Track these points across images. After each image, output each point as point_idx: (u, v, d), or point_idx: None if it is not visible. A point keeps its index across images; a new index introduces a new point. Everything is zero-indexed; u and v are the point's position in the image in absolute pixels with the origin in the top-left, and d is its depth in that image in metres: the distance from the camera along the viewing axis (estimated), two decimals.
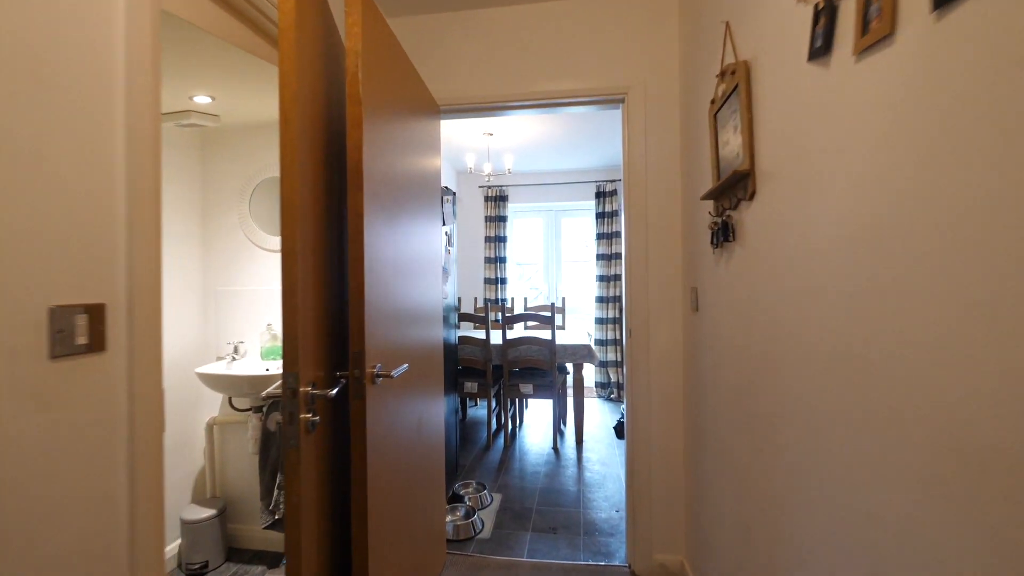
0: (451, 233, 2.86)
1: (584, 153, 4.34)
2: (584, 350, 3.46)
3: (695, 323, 1.78)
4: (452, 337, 2.93)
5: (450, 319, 2.91)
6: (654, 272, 1.98)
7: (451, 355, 2.89)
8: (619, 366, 4.66)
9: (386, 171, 1.43)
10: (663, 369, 1.97)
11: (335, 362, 1.28)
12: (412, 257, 1.68)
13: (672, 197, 1.99)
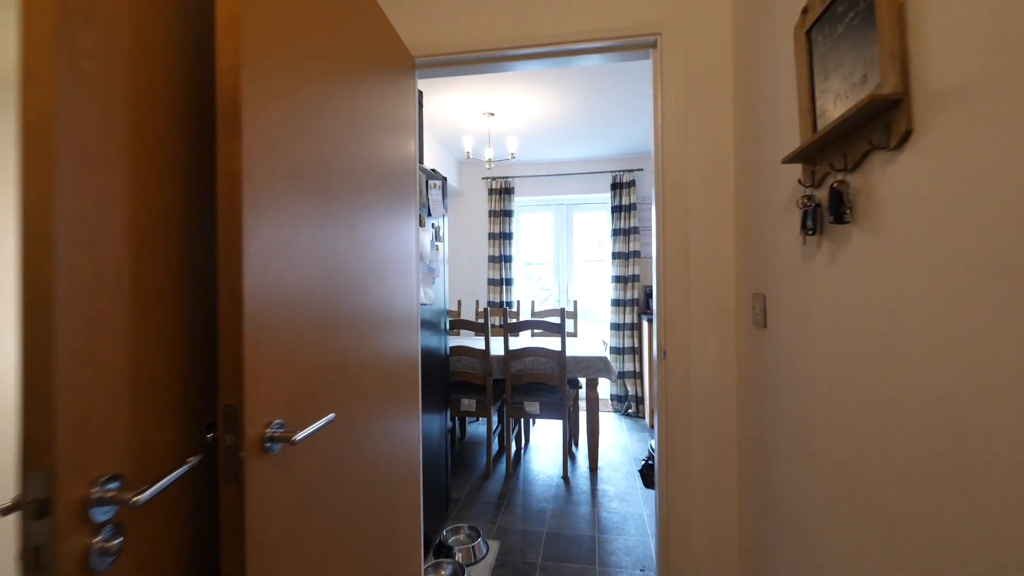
0: (440, 226, 2.38)
1: (598, 139, 3.82)
2: (599, 363, 2.94)
3: (760, 343, 1.26)
4: (443, 346, 2.45)
5: (441, 325, 2.42)
6: (697, 275, 1.47)
7: (441, 367, 2.41)
8: (637, 377, 4.13)
9: (315, 138, 0.95)
10: (710, 402, 1.46)
11: (201, 413, 0.79)
12: (364, 254, 1.20)
13: (721, 172, 1.47)
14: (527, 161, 4.40)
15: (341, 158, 1.08)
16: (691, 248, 1.47)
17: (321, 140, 0.99)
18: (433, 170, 2.30)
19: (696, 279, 1.46)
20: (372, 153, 1.26)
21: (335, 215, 1.04)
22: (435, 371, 2.32)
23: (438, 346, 2.37)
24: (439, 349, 2.38)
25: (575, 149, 4.07)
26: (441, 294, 2.40)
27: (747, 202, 1.36)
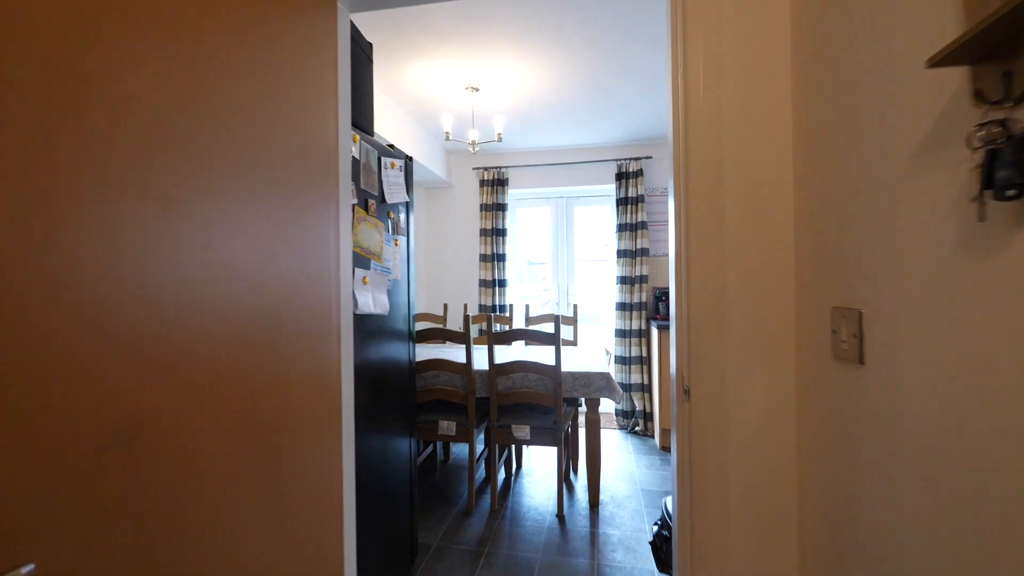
0: (403, 217, 1.91)
1: (600, 121, 3.33)
2: (600, 380, 2.46)
3: (848, 386, 0.77)
4: (407, 359, 1.98)
5: (406, 334, 1.96)
6: (737, 280, 0.99)
7: (404, 385, 1.95)
8: (645, 391, 3.64)
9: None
10: (755, 466, 0.98)
11: None
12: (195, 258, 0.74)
13: (773, 133, 0.99)
14: (521, 149, 3.92)
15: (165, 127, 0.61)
16: (728, 243, 0.99)
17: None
18: (391, 146, 1.84)
19: (735, 287, 0.98)
20: (226, 112, 0.79)
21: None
22: (395, 389, 1.86)
23: (400, 359, 1.91)
24: (400, 363, 1.92)
25: (575, 134, 3.59)
26: (405, 299, 1.93)
27: (823, 166, 0.87)
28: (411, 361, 2.02)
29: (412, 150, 3.18)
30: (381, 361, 1.73)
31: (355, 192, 1.51)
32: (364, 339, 1.59)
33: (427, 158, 3.45)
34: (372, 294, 1.59)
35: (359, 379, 1.52)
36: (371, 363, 1.65)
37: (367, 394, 1.61)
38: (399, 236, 1.85)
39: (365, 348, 1.60)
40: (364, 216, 1.56)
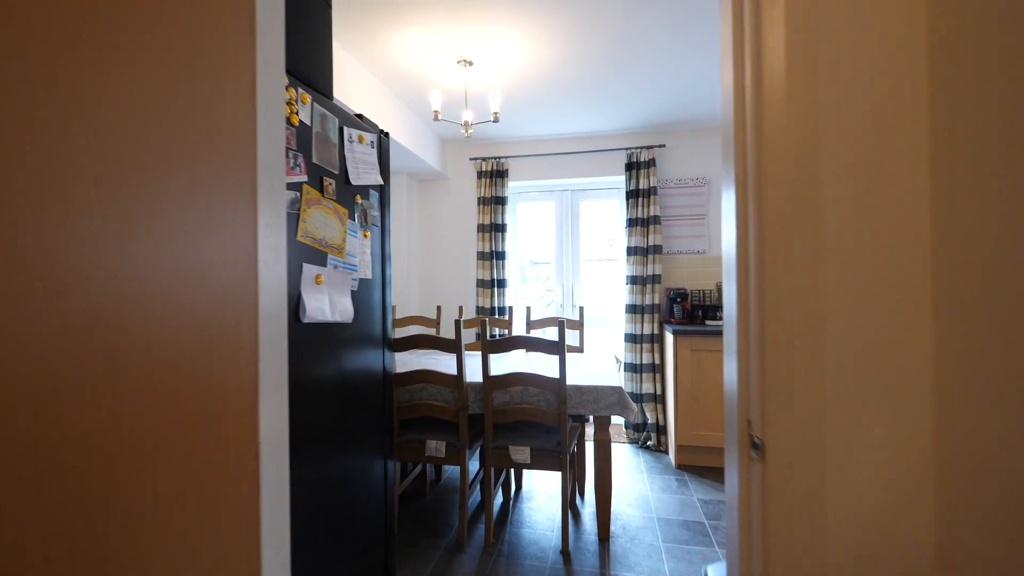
0: (375, 204, 1.56)
1: (608, 102, 2.98)
2: (611, 395, 2.11)
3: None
4: (379, 370, 1.65)
5: (378, 342, 1.63)
6: (838, 298, 0.64)
7: (374, 400, 1.61)
8: (659, 402, 3.28)
9: None
10: (869, 559, 0.63)
11: None
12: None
13: (899, 101, 0.63)
14: (522, 137, 3.58)
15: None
16: (826, 243, 0.64)
17: None
18: (360, 116, 1.50)
19: (836, 298, 0.63)
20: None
21: None
22: (365, 405, 1.53)
23: (372, 370, 1.57)
24: (373, 374, 1.58)
25: (580, 119, 3.24)
26: (378, 301, 1.59)
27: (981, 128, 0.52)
28: (387, 372, 1.68)
29: (402, 137, 2.84)
30: (347, 373, 1.39)
31: (303, 166, 1.17)
32: (321, 348, 1.25)
33: (419, 145, 3.11)
34: (329, 297, 1.25)
35: (315, 396, 1.18)
36: (332, 376, 1.31)
37: (326, 412, 1.28)
38: (370, 226, 1.51)
39: (323, 359, 1.26)
40: (317, 199, 1.23)
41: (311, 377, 1.24)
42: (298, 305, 1.15)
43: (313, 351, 1.24)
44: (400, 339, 2.17)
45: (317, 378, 1.27)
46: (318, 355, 1.26)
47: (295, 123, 1.15)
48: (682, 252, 3.44)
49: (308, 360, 1.22)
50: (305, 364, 1.20)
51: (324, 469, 1.29)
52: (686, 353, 2.93)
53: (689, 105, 3.01)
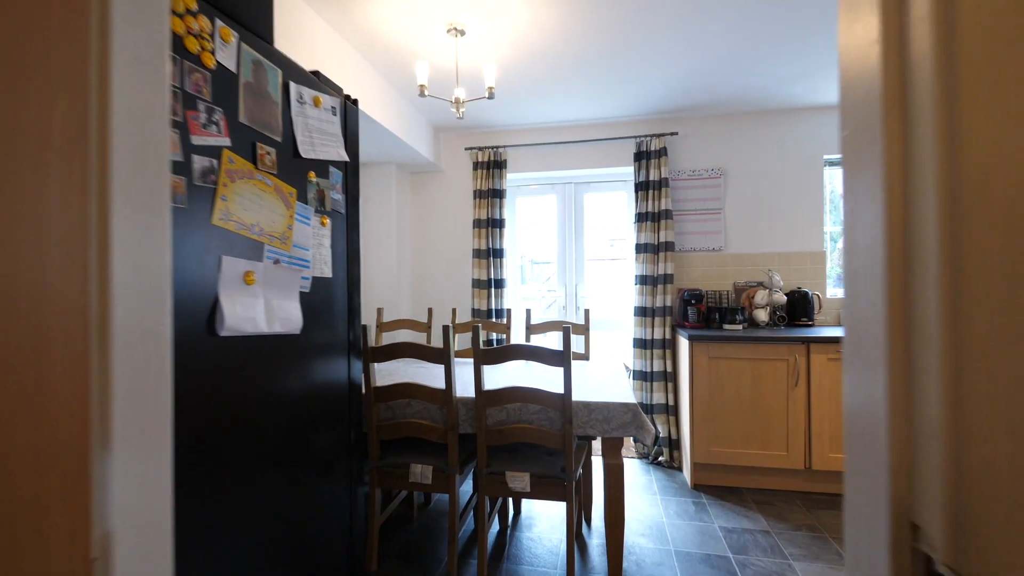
0: (337, 187, 1.25)
1: (617, 86, 2.67)
2: (624, 413, 1.80)
3: None
4: (343, 382, 1.34)
5: (342, 352, 1.32)
6: None
7: (342, 416, 1.30)
8: (671, 413, 2.96)
9: None
10: None
11: None
12: None
13: None
14: (521, 125, 3.26)
15: None
16: None
17: None
18: (316, 73, 1.19)
19: None
20: None
21: None
22: (322, 427, 1.22)
23: (334, 384, 1.26)
24: (334, 390, 1.27)
25: (584, 103, 2.92)
26: (343, 304, 1.28)
27: None
28: (354, 386, 1.37)
29: (389, 121, 2.53)
30: (295, 391, 1.08)
31: (223, 126, 0.86)
32: (258, 364, 0.94)
33: (409, 133, 2.80)
34: (265, 301, 0.93)
35: (249, 423, 0.88)
36: (274, 397, 1.00)
37: (268, 439, 0.97)
38: (330, 213, 1.20)
39: (260, 377, 0.95)
40: (248, 171, 0.91)
41: (244, 402, 0.93)
42: (213, 314, 0.84)
43: (245, 369, 0.93)
44: (380, 348, 1.86)
45: (254, 401, 0.96)
46: (253, 373, 0.95)
47: (209, 65, 0.84)
48: (695, 250, 3.13)
49: (236, 382, 0.91)
50: (230, 387, 0.89)
51: (260, 508, 0.98)
52: (703, 361, 2.62)
53: (705, 88, 2.69)
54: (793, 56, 2.33)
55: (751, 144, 3.07)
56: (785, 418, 2.54)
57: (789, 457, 2.53)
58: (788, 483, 2.59)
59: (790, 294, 2.94)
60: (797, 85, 2.67)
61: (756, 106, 2.97)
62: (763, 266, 3.05)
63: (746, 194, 3.08)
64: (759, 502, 2.47)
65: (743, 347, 2.56)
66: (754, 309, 2.91)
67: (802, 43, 2.23)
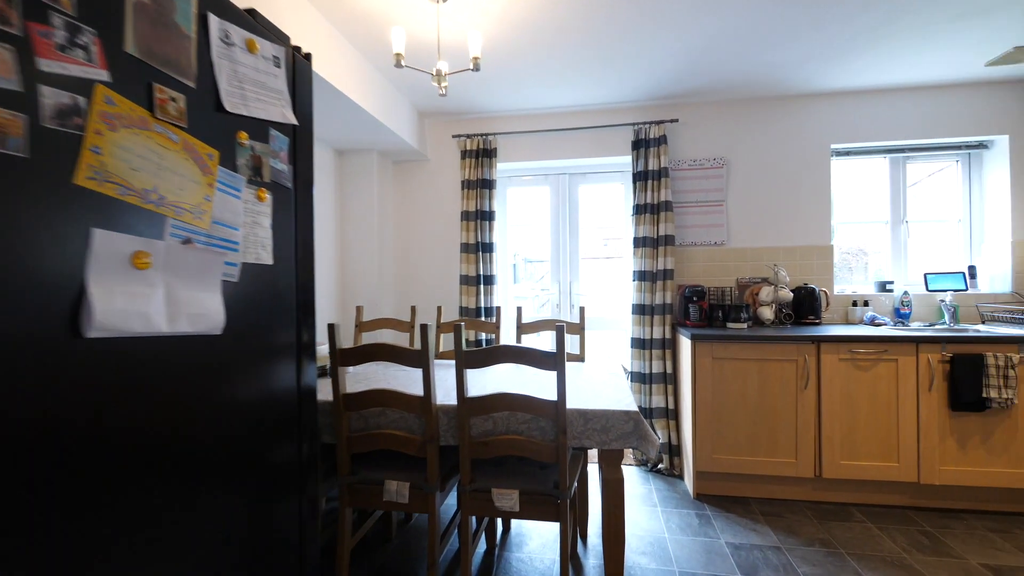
0: (282, 155, 1.02)
1: (614, 68, 2.45)
2: (625, 422, 1.58)
3: None
4: (293, 386, 1.11)
5: (302, 348, 1.09)
6: None
7: (285, 430, 1.07)
8: (671, 418, 2.76)
9: None
10: None
11: None
12: None
13: None
14: (512, 110, 3.04)
15: None
16: None
17: None
18: (252, 12, 0.95)
19: None
20: None
21: None
22: (264, 439, 0.99)
23: (278, 391, 1.03)
24: (280, 398, 1.04)
25: (579, 88, 2.70)
26: (291, 297, 1.05)
27: None
28: (304, 394, 1.14)
29: (367, 102, 2.30)
30: (219, 403, 0.86)
31: (97, 53, 0.63)
32: (162, 369, 0.72)
33: (390, 115, 2.56)
34: (166, 291, 0.70)
35: (147, 443, 0.65)
36: (188, 409, 0.78)
37: (175, 465, 0.74)
38: (269, 185, 0.97)
39: (164, 384, 0.73)
40: (139, 118, 0.68)
41: (137, 421, 0.70)
42: (78, 307, 0.61)
43: (141, 379, 0.70)
44: (350, 350, 1.63)
45: (161, 419, 0.74)
46: (154, 384, 0.73)
47: None
48: (696, 244, 2.92)
49: (125, 397, 0.68)
50: (114, 405, 0.67)
51: (168, 551, 0.75)
52: (706, 362, 2.41)
53: (707, 70, 2.49)
54: (800, 36, 2.13)
55: (755, 132, 2.87)
56: (794, 423, 2.34)
57: (798, 465, 2.34)
58: (797, 492, 2.39)
59: (796, 290, 2.75)
60: (804, 69, 2.47)
61: (760, 92, 2.77)
62: (767, 261, 2.86)
63: (750, 185, 2.88)
64: (767, 513, 2.27)
65: (749, 347, 2.36)
66: (759, 306, 2.71)
67: (811, 21, 2.02)
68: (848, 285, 2.98)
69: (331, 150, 2.88)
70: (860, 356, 2.29)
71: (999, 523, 2.16)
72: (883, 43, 2.21)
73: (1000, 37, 2.17)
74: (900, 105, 2.74)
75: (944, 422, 2.23)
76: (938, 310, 2.70)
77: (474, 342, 2.94)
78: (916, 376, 2.24)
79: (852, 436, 2.30)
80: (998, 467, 2.20)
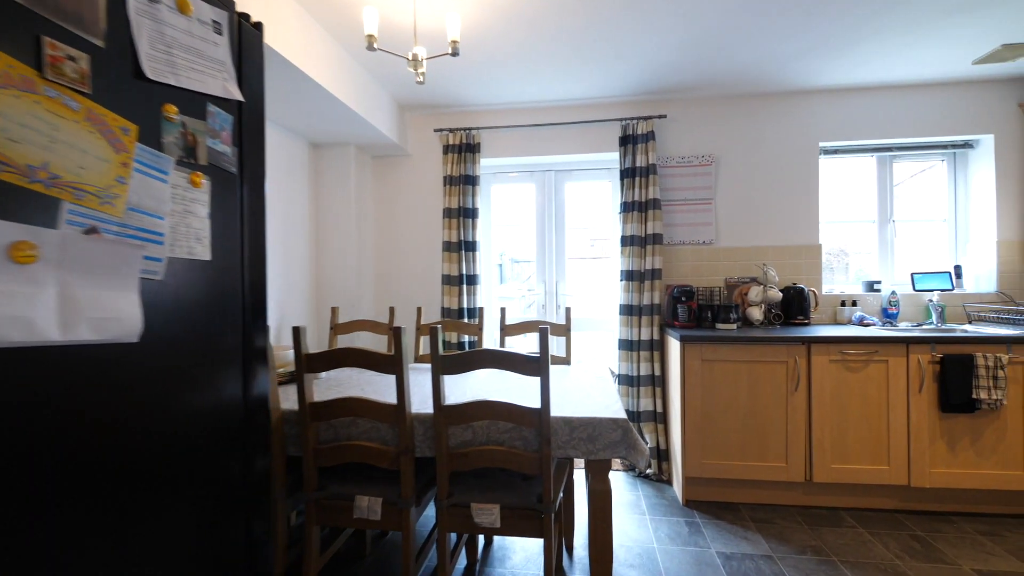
0: (224, 135, 0.89)
1: (601, 61, 2.35)
2: (613, 430, 1.48)
3: None
4: (241, 398, 0.98)
5: (248, 354, 0.96)
6: None
7: (229, 446, 0.94)
8: (659, 421, 2.67)
9: None
10: None
11: None
12: None
13: None
14: (496, 104, 2.93)
15: None
16: None
17: None
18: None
19: None
20: None
21: None
22: (199, 458, 0.85)
23: (222, 402, 0.90)
24: (215, 412, 0.91)
25: (565, 81, 2.60)
26: (238, 298, 0.92)
27: None
28: (252, 405, 1.01)
29: (346, 96, 2.16)
30: (141, 422, 0.72)
31: None
32: (59, 385, 0.58)
33: (367, 107, 2.43)
34: (62, 291, 0.57)
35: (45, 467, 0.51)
36: (100, 430, 0.64)
37: (83, 495, 0.60)
38: (208, 171, 0.84)
39: (63, 402, 0.59)
40: (21, 78, 0.55)
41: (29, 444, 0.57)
42: None
43: (42, 394, 0.57)
44: (317, 355, 1.50)
45: (63, 443, 0.61)
46: (49, 404, 0.60)
47: None
48: (685, 243, 2.85)
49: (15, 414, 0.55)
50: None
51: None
52: (695, 364, 2.33)
53: (696, 64, 2.41)
54: (790, 31, 2.07)
55: (744, 129, 2.81)
56: (784, 426, 2.27)
57: (789, 469, 2.27)
58: (787, 497, 2.32)
59: (785, 290, 2.69)
60: (793, 65, 2.41)
61: (749, 88, 2.71)
62: (756, 260, 2.79)
63: (738, 183, 2.82)
64: (757, 520, 2.20)
65: (739, 348, 2.29)
66: (748, 307, 2.64)
67: (803, 14, 1.96)
68: (834, 285, 2.93)
69: (305, 142, 2.72)
70: (851, 357, 2.23)
71: (988, 525, 2.12)
72: (874, 38, 2.16)
73: (987, 35, 2.14)
74: (888, 103, 2.70)
75: (934, 424, 2.19)
76: (926, 310, 2.67)
77: (456, 344, 2.81)
78: (907, 377, 2.19)
79: (843, 439, 2.24)
80: (987, 469, 2.16)
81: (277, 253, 2.46)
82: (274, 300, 2.42)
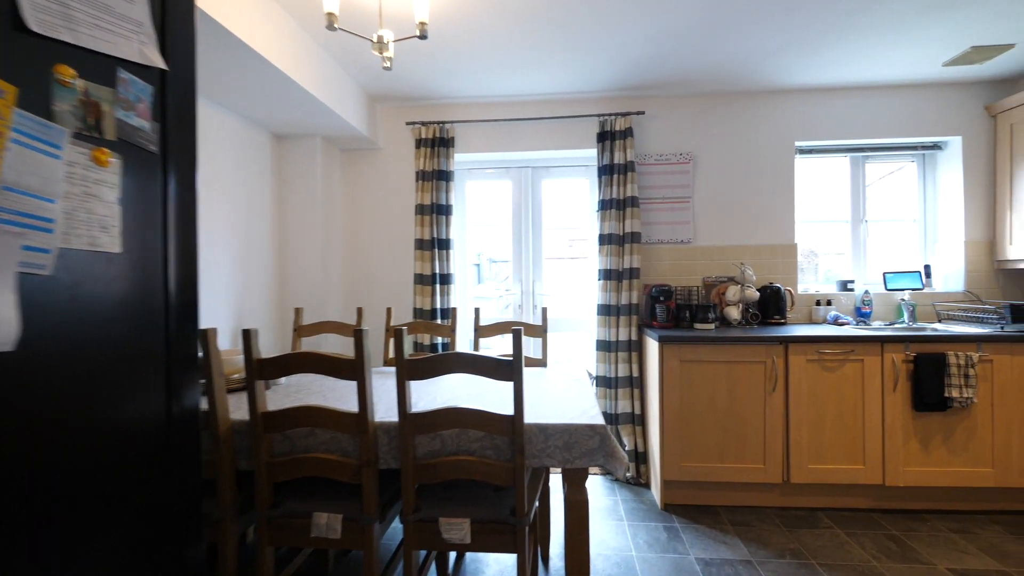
0: (143, 106, 0.77)
1: (579, 50, 2.29)
2: (591, 437, 1.40)
3: None
4: (164, 409, 0.85)
5: (174, 359, 0.83)
6: None
7: (147, 466, 0.81)
8: (637, 423, 2.63)
9: None
10: None
11: None
12: None
13: None
14: (471, 97, 2.83)
15: None
16: None
17: None
18: None
19: None
20: None
21: None
22: (107, 481, 0.73)
23: (137, 419, 0.78)
24: (131, 426, 0.79)
25: (542, 74, 2.53)
26: (159, 297, 0.80)
27: None
28: (178, 418, 0.88)
29: (308, 82, 2.03)
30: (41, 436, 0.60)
31: None
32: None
33: (333, 95, 2.29)
34: None
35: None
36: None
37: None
38: (119, 147, 0.72)
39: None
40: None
41: None
42: None
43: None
44: (268, 360, 1.37)
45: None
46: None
47: None
48: (663, 242, 2.81)
49: None
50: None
51: None
52: (674, 365, 2.29)
53: (675, 60, 2.37)
54: (772, 25, 2.04)
55: (721, 127, 2.79)
56: (762, 427, 2.25)
57: (766, 470, 2.25)
58: (765, 499, 2.30)
59: (762, 290, 2.68)
60: (770, 62, 2.40)
61: (727, 86, 2.69)
62: (733, 259, 2.78)
63: (716, 182, 2.80)
64: (736, 523, 2.17)
65: (717, 349, 2.26)
66: (725, 306, 2.62)
67: (784, 10, 1.93)
68: (807, 285, 2.95)
69: (267, 133, 2.57)
70: (827, 357, 2.22)
71: (960, 523, 2.14)
72: (851, 36, 2.15)
73: (957, 36, 2.16)
74: (861, 104, 2.73)
75: (908, 423, 2.20)
76: (897, 309, 2.71)
77: (429, 347, 2.70)
78: (881, 377, 2.20)
79: (819, 439, 2.23)
80: (958, 466, 2.18)
81: (234, 250, 2.30)
82: (229, 301, 2.26)
